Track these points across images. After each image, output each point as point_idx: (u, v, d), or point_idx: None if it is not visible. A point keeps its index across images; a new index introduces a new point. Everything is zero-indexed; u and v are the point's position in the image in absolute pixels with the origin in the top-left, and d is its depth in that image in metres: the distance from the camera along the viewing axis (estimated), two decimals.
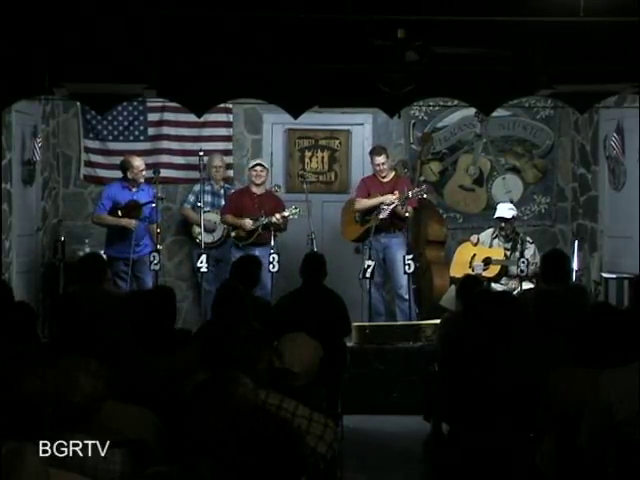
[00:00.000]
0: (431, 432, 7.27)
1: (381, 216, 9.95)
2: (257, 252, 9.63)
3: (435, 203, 11.02)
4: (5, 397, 3.18)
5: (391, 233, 10.14)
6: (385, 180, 10.24)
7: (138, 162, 9.97)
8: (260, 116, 11.14)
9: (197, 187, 10.43)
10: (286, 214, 9.98)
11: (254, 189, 10.24)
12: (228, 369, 3.77)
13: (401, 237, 10.04)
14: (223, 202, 10.50)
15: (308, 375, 4.64)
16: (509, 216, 9.98)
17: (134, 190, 9.90)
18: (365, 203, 10.21)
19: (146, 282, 9.67)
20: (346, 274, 10.10)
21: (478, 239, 10.13)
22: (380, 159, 10.17)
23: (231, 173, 11.13)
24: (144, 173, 9.94)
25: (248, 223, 9.99)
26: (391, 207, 9.91)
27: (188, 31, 6.66)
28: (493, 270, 9.89)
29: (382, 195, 10.06)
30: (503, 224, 10.00)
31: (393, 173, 10.33)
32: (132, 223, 9.72)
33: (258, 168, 10.25)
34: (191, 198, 10.53)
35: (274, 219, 9.86)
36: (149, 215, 9.81)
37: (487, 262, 9.92)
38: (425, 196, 9.97)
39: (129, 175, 9.89)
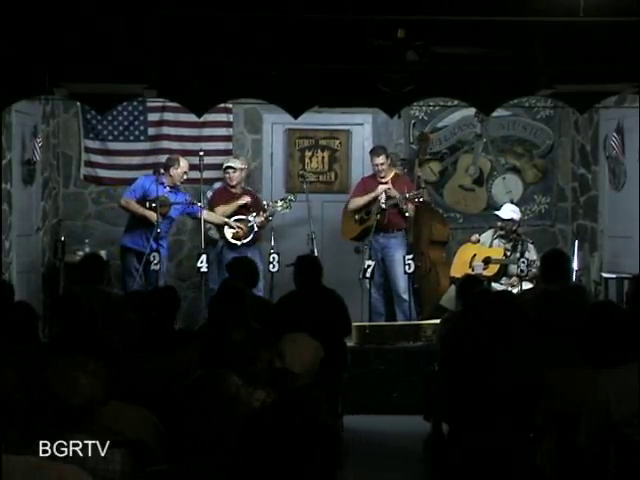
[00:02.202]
0: (431, 432, 7.26)
1: (383, 206, 9.93)
2: (249, 253, 9.65)
3: (432, 202, 11.00)
4: None
5: (389, 233, 10.13)
6: (384, 180, 10.23)
7: (184, 163, 9.97)
8: (260, 116, 11.14)
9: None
10: (279, 208, 10.01)
11: (232, 190, 10.27)
12: (220, 369, 3.76)
13: (400, 237, 10.05)
14: None
15: (308, 375, 4.65)
16: (507, 217, 9.98)
17: (168, 190, 9.87)
18: (357, 202, 10.24)
19: (149, 280, 9.67)
20: (346, 274, 10.10)
21: (479, 238, 10.14)
22: (379, 160, 10.17)
23: None
24: (185, 177, 9.96)
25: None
26: (384, 196, 9.90)
27: (188, 31, 6.66)
28: (493, 269, 9.88)
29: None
30: (499, 223, 10.01)
31: (393, 172, 10.33)
32: (154, 215, 9.67)
33: (230, 171, 10.25)
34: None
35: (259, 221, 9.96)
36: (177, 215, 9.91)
37: (487, 262, 9.92)
38: (422, 200, 9.96)
39: (171, 172, 9.86)
